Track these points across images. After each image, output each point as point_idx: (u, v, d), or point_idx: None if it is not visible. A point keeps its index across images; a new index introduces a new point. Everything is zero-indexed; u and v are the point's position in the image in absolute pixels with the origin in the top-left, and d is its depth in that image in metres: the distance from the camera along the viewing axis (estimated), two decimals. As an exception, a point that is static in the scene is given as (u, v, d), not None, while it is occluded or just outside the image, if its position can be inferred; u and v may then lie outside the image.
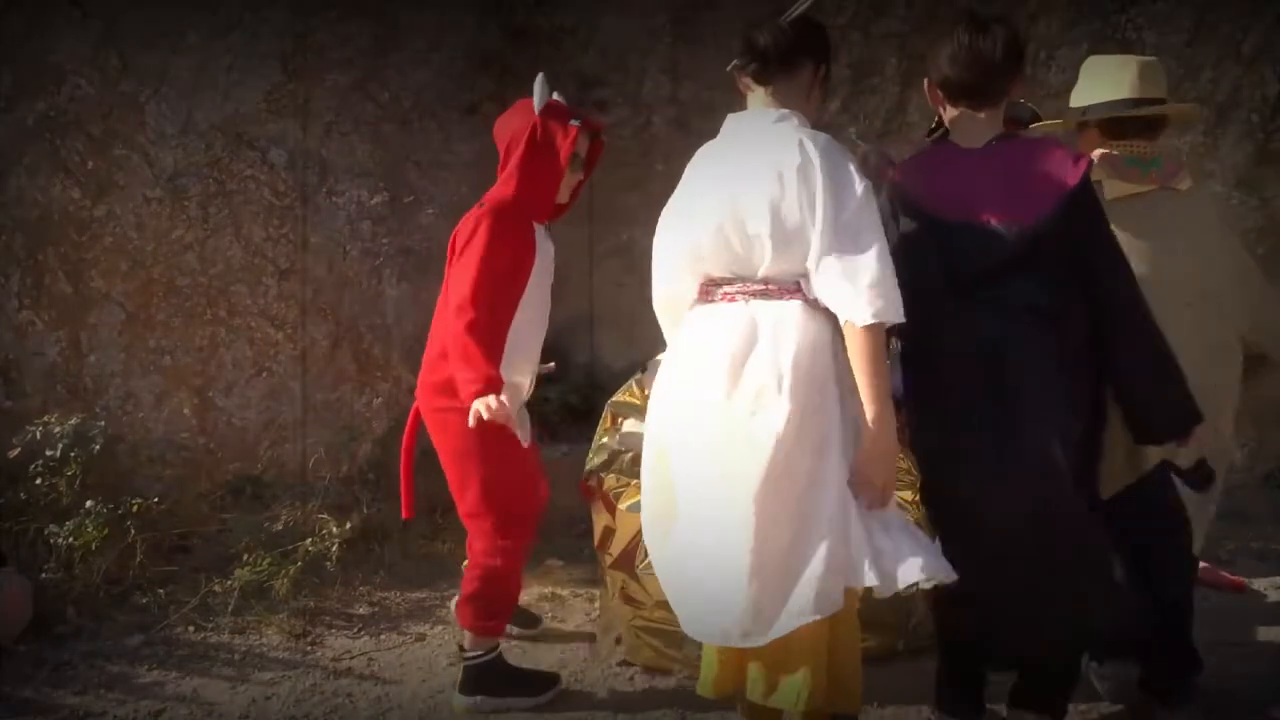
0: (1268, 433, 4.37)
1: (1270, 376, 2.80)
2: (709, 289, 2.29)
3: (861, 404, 2.13)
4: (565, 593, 3.67)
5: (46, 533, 3.39)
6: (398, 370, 4.39)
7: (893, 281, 2.11)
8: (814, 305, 2.19)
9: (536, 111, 2.74)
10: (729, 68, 2.35)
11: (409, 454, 2.95)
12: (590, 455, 3.24)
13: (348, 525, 3.71)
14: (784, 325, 2.16)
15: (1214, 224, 2.71)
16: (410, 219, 4.41)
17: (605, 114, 4.60)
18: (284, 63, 4.17)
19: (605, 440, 3.22)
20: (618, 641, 3.11)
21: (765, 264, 2.19)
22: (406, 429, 2.93)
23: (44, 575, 3.36)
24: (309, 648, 3.28)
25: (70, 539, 3.35)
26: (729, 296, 2.24)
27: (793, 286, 2.19)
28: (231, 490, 4.05)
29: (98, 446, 3.57)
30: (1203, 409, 2.35)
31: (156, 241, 4.04)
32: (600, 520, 3.12)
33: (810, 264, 2.14)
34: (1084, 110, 2.72)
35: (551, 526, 4.13)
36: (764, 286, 2.21)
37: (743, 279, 2.23)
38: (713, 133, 2.43)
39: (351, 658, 3.22)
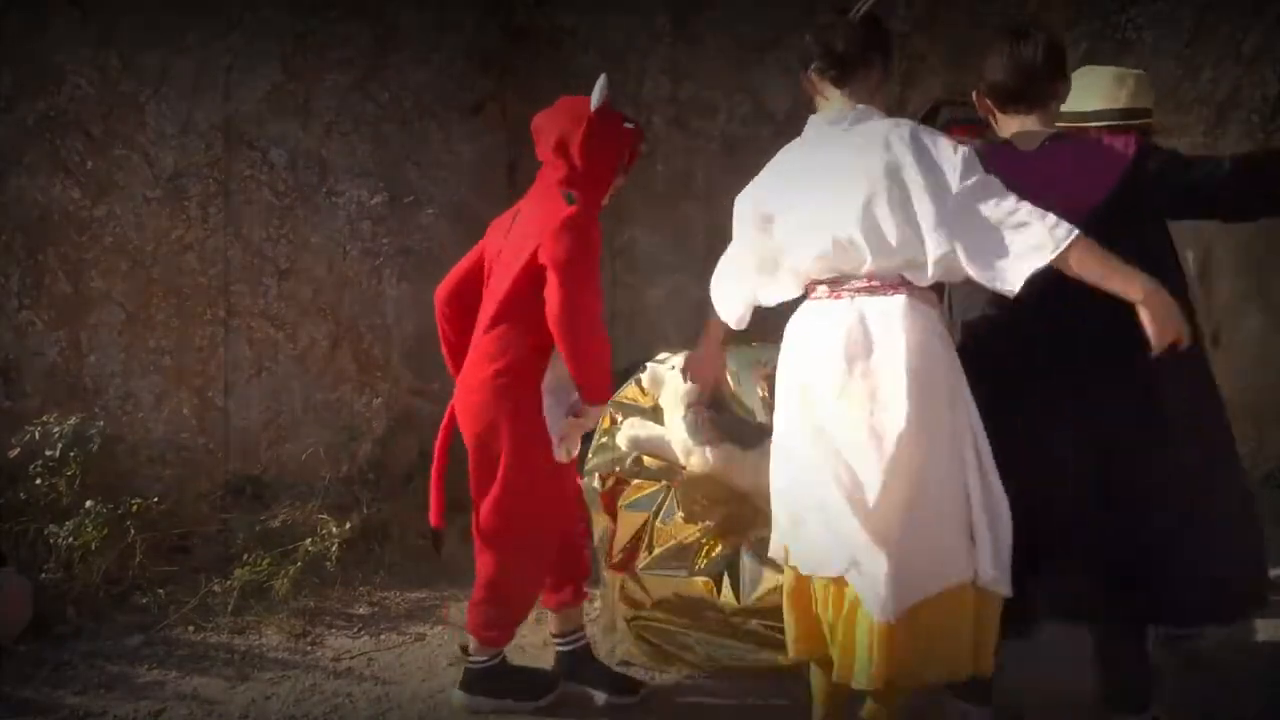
0: (1268, 433, 4.38)
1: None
2: (812, 286, 2.33)
3: (970, 395, 2.23)
4: (565, 593, 3.66)
5: (46, 533, 3.39)
6: (398, 370, 4.39)
7: (1035, 210, 2.13)
8: (920, 298, 2.24)
9: (594, 109, 2.66)
10: (810, 70, 2.35)
11: (443, 457, 2.85)
12: (590, 455, 3.24)
13: (348, 525, 3.71)
14: (892, 322, 2.20)
15: None
16: (410, 219, 4.41)
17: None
18: (284, 63, 4.17)
19: (605, 440, 3.22)
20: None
21: (866, 264, 2.23)
22: (442, 429, 2.85)
23: (44, 575, 3.36)
24: (309, 648, 3.28)
25: (70, 539, 3.35)
26: (835, 294, 2.28)
27: (897, 281, 2.23)
28: (231, 490, 4.05)
29: (95, 446, 3.57)
30: None
31: (156, 241, 4.03)
32: (600, 520, 3.12)
33: (939, 251, 2.16)
34: (1084, 115, 2.80)
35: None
36: (868, 283, 2.24)
37: (847, 276, 2.26)
38: (713, 133, 2.44)
39: (351, 658, 3.22)
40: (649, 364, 3.28)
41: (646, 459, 3.15)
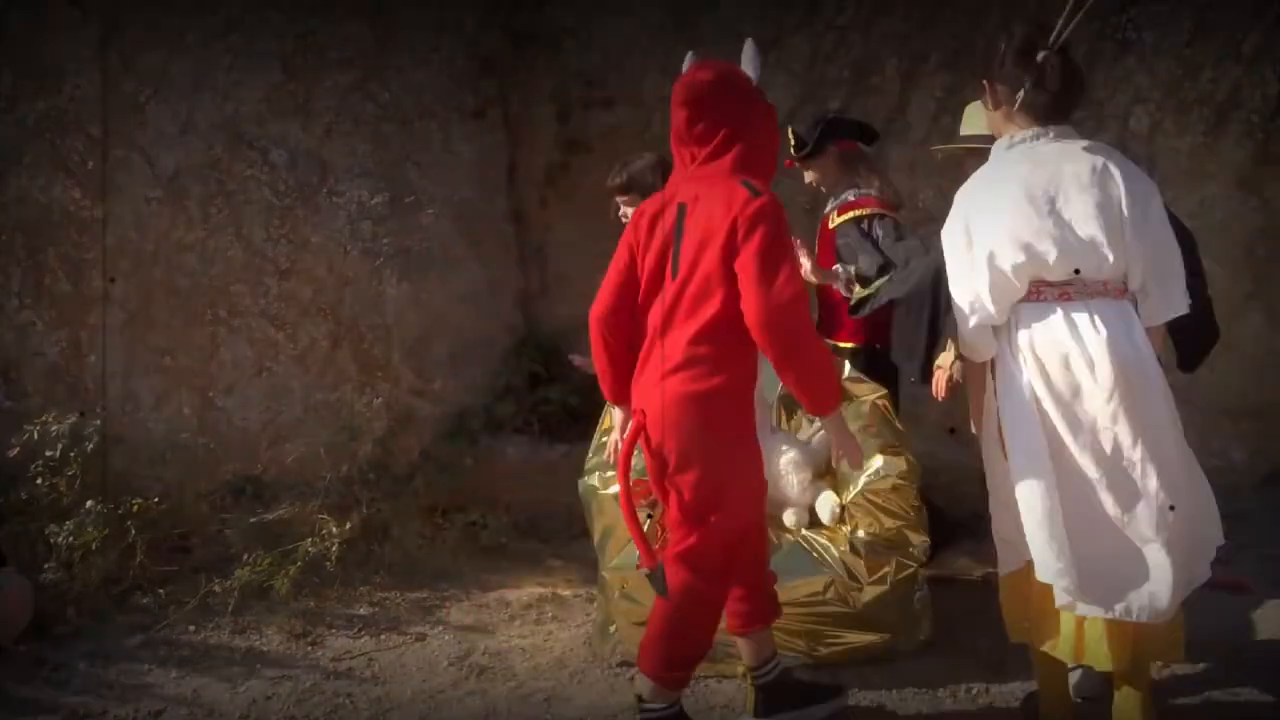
0: (1268, 433, 4.37)
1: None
2: (1042, 288, 2.33)
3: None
4: (565, 593, 3.66)
5: (46, 533, 3.39)
6: (398, 370, 4.39)
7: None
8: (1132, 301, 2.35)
9: (755, 81, 2.41)
10: (1005, 90, 2.38)
11: (628, 489, 2.49)
12: (590, 455, 3.24)
13: (348, 525, 3.70)
14: (1129, 323, 2.29)
15: None
16: (410, 219, 4.41)
17: (605, 114, 4.61)
18: (284, 63, 4.18)
19: (605, 440, 3.22)
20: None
21: (1106, 269, 2.29)
22: (622, 454, 2.50)
23: (44, 575, 3.36)
24: (309, 648, 3.28)
25: (70, 539, 3.35)
26: (1066, 295, 2.31)
27: (1123, 286, 2.31)
28: (231, 490, 4.05)
29: (90, 445, 3.57)
30: None
31: (156, 241, 4.04)
32: (600, 520, 3.12)
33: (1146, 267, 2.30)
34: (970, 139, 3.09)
35: (551, 526, 4.15)
36: (1103, 286, 2.30)
37: (1083, 280, 2.30)
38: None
39: (352, 658, 3.21)
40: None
41: (647, 459, 3.15)
